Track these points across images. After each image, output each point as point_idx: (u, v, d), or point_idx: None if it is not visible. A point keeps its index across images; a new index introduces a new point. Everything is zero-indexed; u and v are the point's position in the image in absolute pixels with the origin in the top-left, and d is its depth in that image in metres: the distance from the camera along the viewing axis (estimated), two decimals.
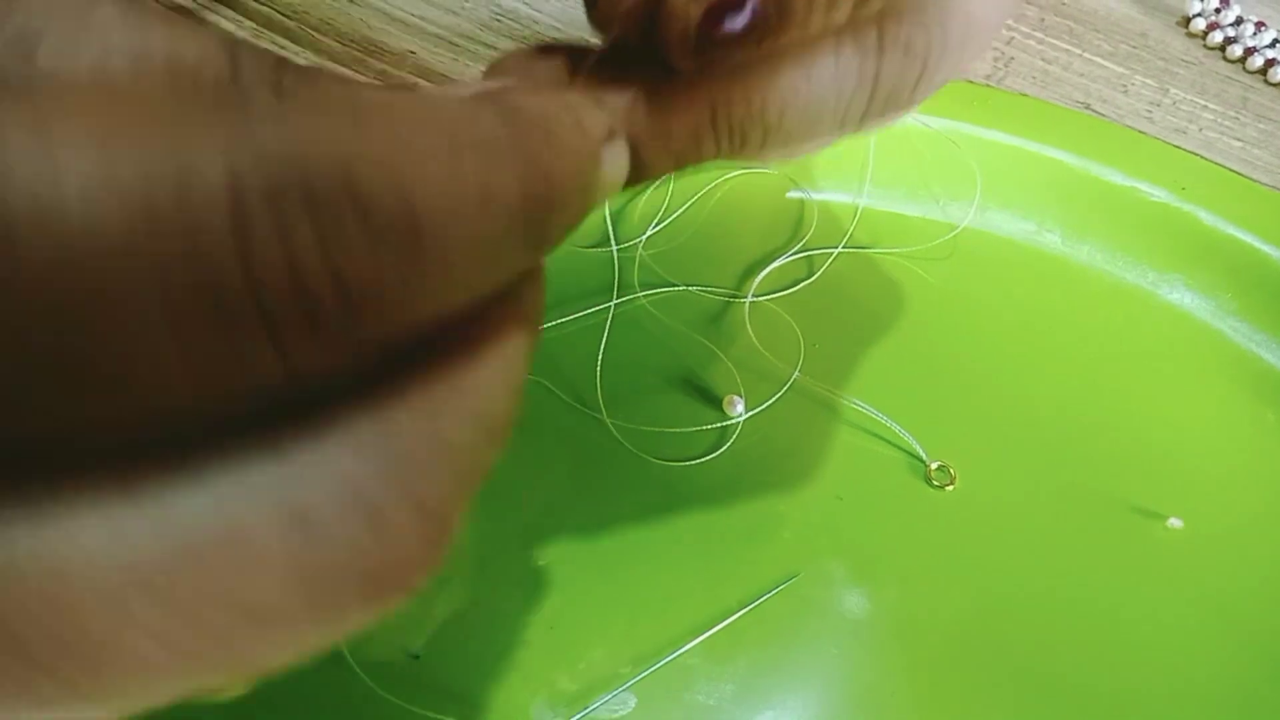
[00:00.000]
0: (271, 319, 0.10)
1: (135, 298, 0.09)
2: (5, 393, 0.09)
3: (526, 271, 0.14)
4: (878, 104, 0.20)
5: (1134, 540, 0.29)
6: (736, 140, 0.19)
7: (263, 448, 0.11)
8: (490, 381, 0.13)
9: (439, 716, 0.25)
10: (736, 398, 0.31)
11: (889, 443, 0.30)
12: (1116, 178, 0.36)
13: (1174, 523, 0.29)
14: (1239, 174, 0.37)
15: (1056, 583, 0.28)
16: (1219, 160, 0.41)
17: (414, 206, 0.10)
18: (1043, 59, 0.44)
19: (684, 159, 0.18)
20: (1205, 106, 0.43)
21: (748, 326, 0.33)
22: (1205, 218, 0.35)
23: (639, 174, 0.18)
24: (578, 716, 0.25)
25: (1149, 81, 0.44)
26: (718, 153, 0.19)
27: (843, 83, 0.19)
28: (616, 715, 0.25)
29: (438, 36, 0.43)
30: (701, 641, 0.27)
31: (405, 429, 0.11)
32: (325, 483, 0.11)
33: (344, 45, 0.42)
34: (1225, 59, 0.45)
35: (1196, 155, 0.37)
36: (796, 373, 0.31)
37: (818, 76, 0.19)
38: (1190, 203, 0.35)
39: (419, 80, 0.40)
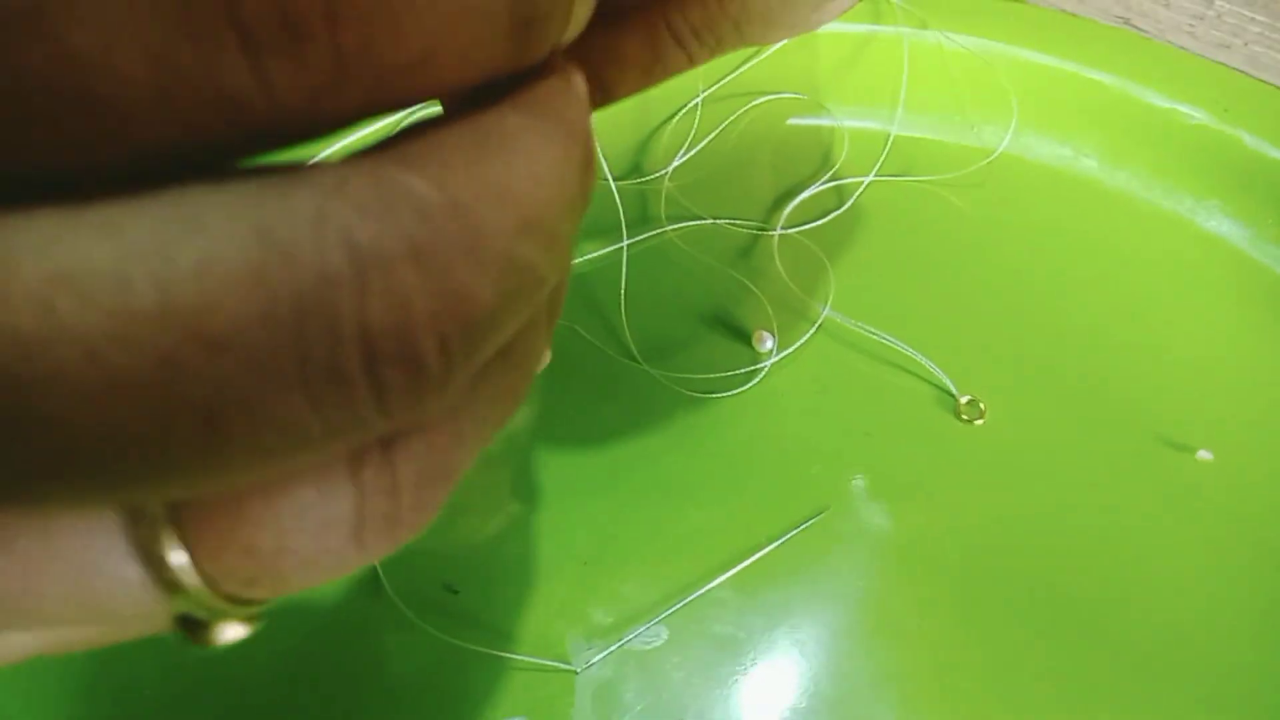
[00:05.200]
0: (245, 28, 0.08)
1: None
2: None
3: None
4: None
5: (1163, 473, 0.29)
6: (709, 41, 0.18)
7: (238, 181, 0.09)
8: (517, 156, 0.11)
9: (477, 647, 0.26)
10: (766, 333, 0.31)
11: (919, 377, 0.30)
12: (1156, 99, 0.35)
13: (1203, 455, 0.29)
14: None
15: (1085, 515, 0.28)
16: (1264, 78, 0.40)
17: None
18: None
19: (652, 75, 0.18)
20: (1252, 19, 0.42)
21: (776, 260, 0.32)
22: (1248, 140, 0.34)
23: (607, 97, 0.17)
24: (612, 648, 0.26)
25: None
26: (693, 60, 0.18)
27: None
28: (650, 647, 0.26)
29: None
30: (731, 575, 0.27)
31: (406, 182, 0.09)
32: (305, 217, 0.09)
33: None
34: None
35: (1241, 73, 0.36)
36: (827, 309, 0.31)
37: None
38: (1233, 125, 0.34)
39: None
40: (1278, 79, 0.40)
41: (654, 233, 0.33)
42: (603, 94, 0.17)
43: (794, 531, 0.28)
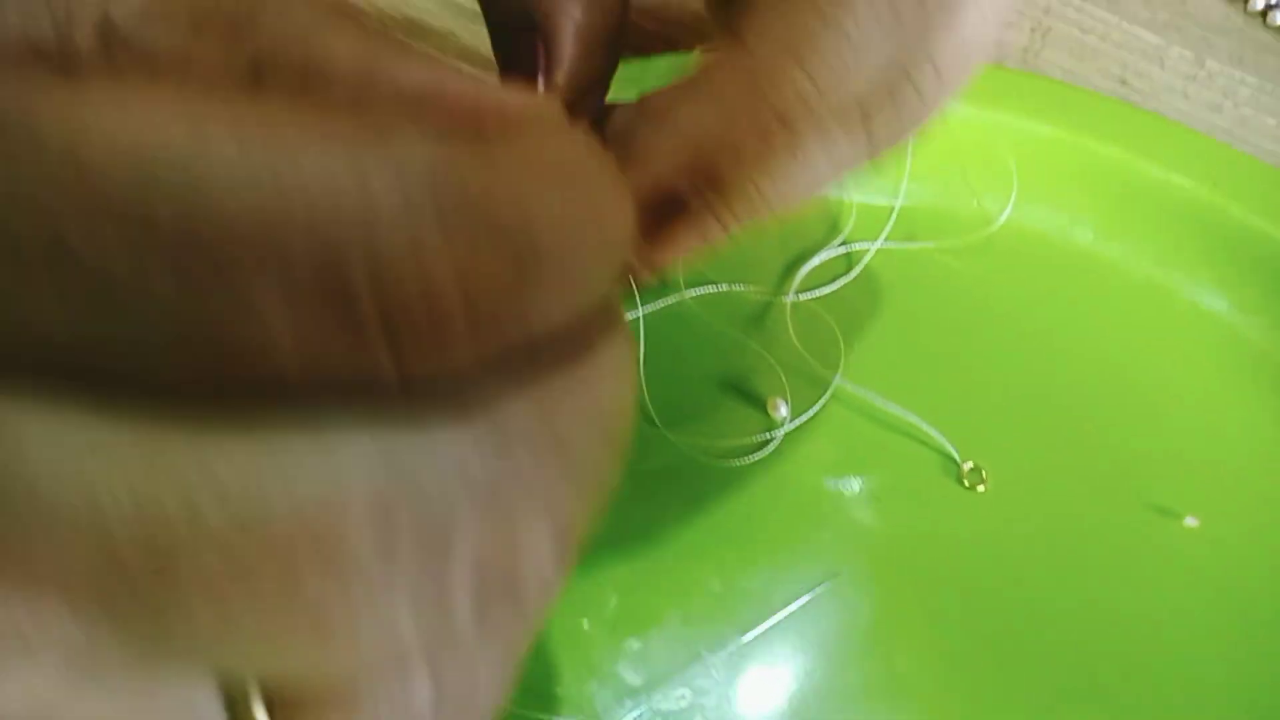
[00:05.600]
0: (390, 319, 0.10)
1: (258, 258, 0.09)
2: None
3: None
4: (881, 148, 0.22)
5: (1151, 538, 0.31)
6: (746, 222, 0.21)
7: (366, 418, 0.10)
8: (603, 379, 0.12)
9: (516, 709, 0.28)
10: (781, 401, 0.33)
11: (924, 444, 0.32)
12: (1149, 169, 0.36)
13: (1190, 522, 0.31)
14: (1273, 166, 0.37)
15: (1078, 580, 0.30)
16: (1254, 139, 0.41)
17: (536, 231, 0.11)
18: (1080, 28, 0.44)
19: (700, 249, 0.21)
20: (1242, 80, 0.43)
21: (789, 327, 0.34)
22: (1235, 212, 0.35)
23: (656, 273, 0.20)
24: (639, 710, 0.28)
25: (1186, 53, 0.44)
26: (729, 234, 0.21)
27: (838, 156, 0.21)
28: (674, 707, 0.28)
29: (474, 13, 0.43)
30: (752, 636, 0.29)
31: (518, 418, 0.11)
32: (432, 457, 0.10)
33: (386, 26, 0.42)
34: (1266, 26, 0.45)
35: (1230, 146, 0.38)
36: (838, 377, 0.33)
37: (809, 161, 0.20)
38: (1222, 196, 0.36)
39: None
40: (1268, 140, 0.42)
41: (673, 299, 0.35)
42: (654, 273, 0.19)
43: (806, 597, 0.30)
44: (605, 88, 0.22)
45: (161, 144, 0.10)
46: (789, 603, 0.30)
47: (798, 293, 0.35)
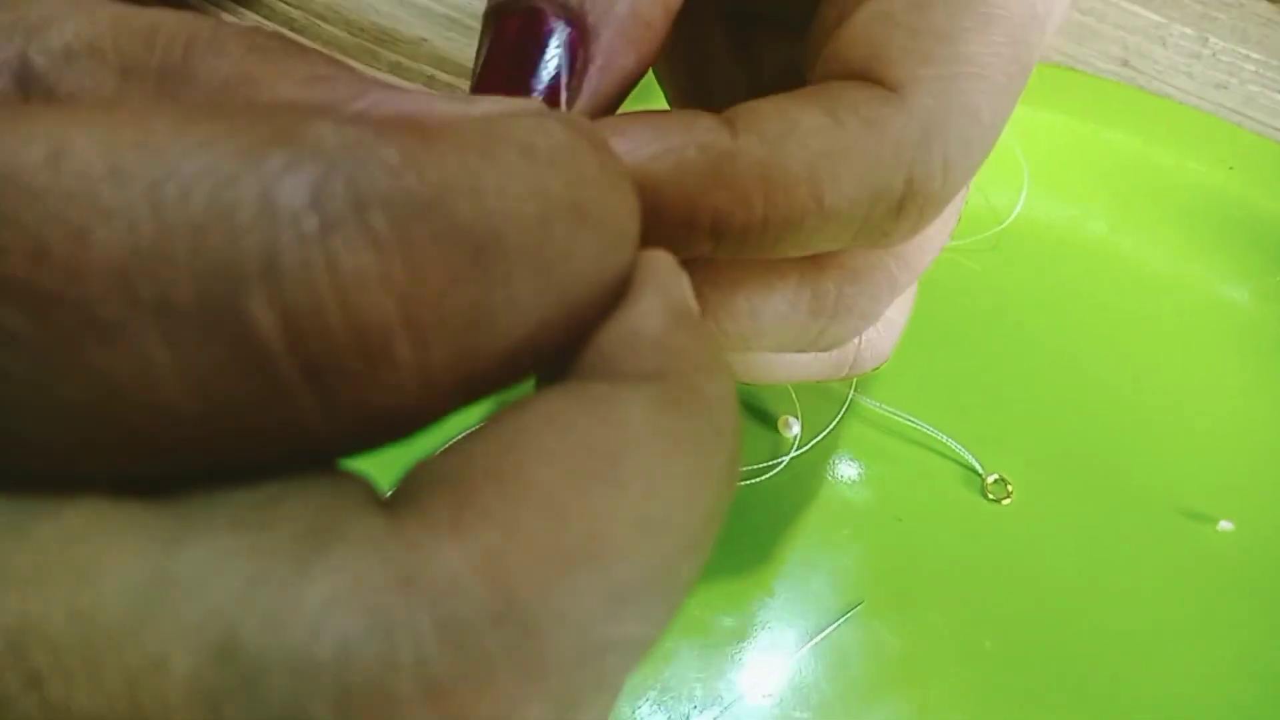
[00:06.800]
0: (307, 357, 0.08)
1: (128, 295, 0.08)
2: None
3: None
4: (841, 332, 0.20)
5: (1185, 544, 0.30)
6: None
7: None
8: (644, 499, 0.10)
9: None
10: (793, 419, 0.31)
11: (945, 456, 0.31)
12: (1162, 155, 0.35)
13: (1224, 525, 0.30)
14: None
15: (1110, 594, 0.29)
16: (1261, 117, 0.40)
17: (500, 224, 0.09)
18: (1079, 9, 0.43)
19: None
20: (1247, 56, 0.42)
21: None
22: (1252, 197, 0.34)
23: None
24: None
25: (1188, 30, 0.43)
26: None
27: (792, 320, 0.20)
28: None
29: (448, 19, 0.41)
30: (772, 672, 0.27)
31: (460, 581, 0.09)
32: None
33: (353, 35, 0.40)
34: None
35: (1242, 128, 0.36)
36: (852, 392, 0.31)
37: (764, 310, 0.19)
38: (1237, 181, 0.34)
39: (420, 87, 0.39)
40: (1274, 118, 0.40)
41: None
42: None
43: (833, 626, 0.28)
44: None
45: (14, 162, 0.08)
46: (812, 636, 0.28)
47: None
